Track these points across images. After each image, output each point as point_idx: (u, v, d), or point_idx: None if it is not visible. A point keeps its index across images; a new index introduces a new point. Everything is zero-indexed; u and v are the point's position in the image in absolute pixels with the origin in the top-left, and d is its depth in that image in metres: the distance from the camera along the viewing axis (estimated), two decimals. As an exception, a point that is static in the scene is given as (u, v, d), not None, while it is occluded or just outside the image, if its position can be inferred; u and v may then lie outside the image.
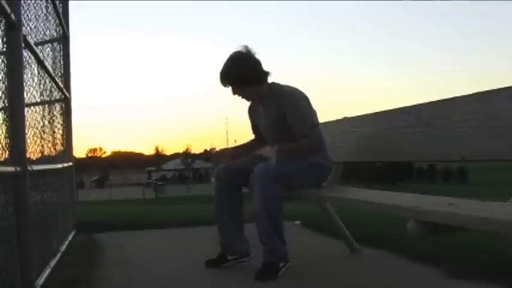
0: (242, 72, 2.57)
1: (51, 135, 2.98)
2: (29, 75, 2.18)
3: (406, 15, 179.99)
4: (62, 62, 3.71)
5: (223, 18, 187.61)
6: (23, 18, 1.92)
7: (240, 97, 2.70)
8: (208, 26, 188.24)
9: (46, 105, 2.84)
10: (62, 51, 3.72)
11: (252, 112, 2.92)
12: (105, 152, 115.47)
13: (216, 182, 2.76)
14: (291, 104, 2.58)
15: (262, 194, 2.44)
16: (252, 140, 2.99)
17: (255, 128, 2.94)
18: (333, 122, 3.10)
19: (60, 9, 3.53)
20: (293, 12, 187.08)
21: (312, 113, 2.66)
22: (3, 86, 1.74)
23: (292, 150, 2.64)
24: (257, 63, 2.60)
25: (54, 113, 3.20)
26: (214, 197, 2.76)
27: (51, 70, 2.89)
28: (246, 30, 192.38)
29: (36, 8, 2.51)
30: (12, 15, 1.74)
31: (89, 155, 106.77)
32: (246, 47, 2.61)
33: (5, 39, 1.78)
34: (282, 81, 2.84)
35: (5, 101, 1.75)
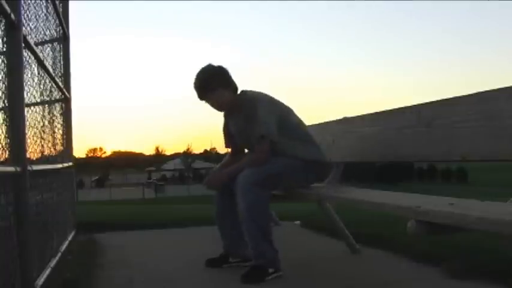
0: (213, 75, 2.66)
1: (51, 135, 2.98)
2: (29, 75, 2.18)
3: (406, 15, 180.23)
4: (62, 62, 3.71)
5: (223, 20, 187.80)
6: (23, 18, 1.92)
7: (212, 106, 2.71)
8: (208, 28, 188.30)
9: (46, 105, 2.84)
10: (62, 51, 3.72)
11: (226, 129, 2.88)
12: (105, 152, 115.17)
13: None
14: (249, 113, 2.60)
15: (244, 202, 2.42)
16: (231, 154, 2.92)
17: (231, 141, 2.89)
18: (333, 122, 3.09)
19: (60, 9, 3.53)
20: (293, 13, 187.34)
21: (270, 120, 2.56)
22: (3, 86, 1.74)
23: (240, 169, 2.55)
24: (226, 71, 2.69)
25: (54, 113, 3.20)
26: (215, 203, 2.77)
27: (51, 70, 2.89)
28: (246, 31, 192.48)
29: (36, 8, 2.51)
30: (12, 15, 1.74)
31: (89, 155, 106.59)
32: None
33: (5, 39, 1.78)
34: (283, 80, 2.85)
35: (5, 101, 1.75)
